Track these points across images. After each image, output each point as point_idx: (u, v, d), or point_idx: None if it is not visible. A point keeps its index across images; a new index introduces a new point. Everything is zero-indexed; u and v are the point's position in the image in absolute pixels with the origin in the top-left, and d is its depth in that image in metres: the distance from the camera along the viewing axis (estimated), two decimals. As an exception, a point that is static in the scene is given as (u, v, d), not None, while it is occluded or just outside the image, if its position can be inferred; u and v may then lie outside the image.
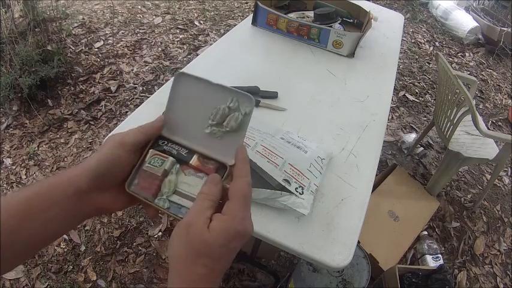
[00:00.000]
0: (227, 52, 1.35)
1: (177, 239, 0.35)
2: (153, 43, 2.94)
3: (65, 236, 1.67)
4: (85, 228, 1.71)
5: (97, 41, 2.84)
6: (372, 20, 1.60)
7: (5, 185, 1.86)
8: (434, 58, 3.34)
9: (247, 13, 3.55)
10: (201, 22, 3.32)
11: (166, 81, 2.52)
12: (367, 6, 1.73)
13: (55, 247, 1.63)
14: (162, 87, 1.18)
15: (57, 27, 2.55)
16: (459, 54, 3.71)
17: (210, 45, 1.54)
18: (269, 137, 0.90)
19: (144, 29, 3.09)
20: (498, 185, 2.35)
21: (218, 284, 0.35)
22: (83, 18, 3.08)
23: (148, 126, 0.44)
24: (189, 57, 2.84)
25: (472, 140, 1.95)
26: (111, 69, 2.62)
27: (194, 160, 0.43)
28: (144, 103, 1.06)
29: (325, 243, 0.77)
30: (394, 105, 2.78)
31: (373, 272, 1.31)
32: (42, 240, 0.38)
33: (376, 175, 1.00)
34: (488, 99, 3.17)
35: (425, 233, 1.85)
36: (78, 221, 0.41)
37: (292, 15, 1.53)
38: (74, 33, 2.88)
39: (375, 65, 1.45)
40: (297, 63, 1.36)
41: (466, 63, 3.59)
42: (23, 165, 1.96)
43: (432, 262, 1.72)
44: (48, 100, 2.29)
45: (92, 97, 2.37)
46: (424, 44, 3.73)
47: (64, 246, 1.64)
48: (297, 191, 0.79)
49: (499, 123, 2.93)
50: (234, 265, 1.62)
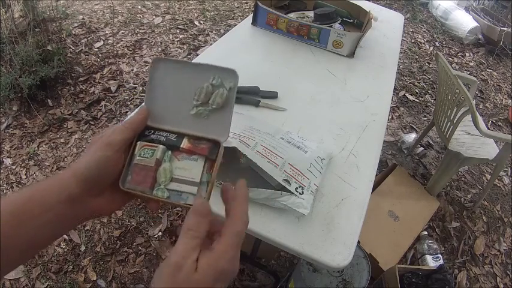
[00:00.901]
0: (227, 52, 1.35)
1: (163, 279, 0.33)
2: (153, 43, 2.94)
3: (65, 236, 1.67)
4: (85, 228, 1.71)
5: (97, 41, 2.84)
6: (372, 20, 1.60)
7: (5, 185, 1.86)
8: (434, 58, 3.34)
9: (247, 13, 3.55)
10: (201, 22, 3.32)
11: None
12: (367, 6, 1.73)
13: (55, 247, 1.64)
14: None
15: (57, 27, 2.55)
16: (459, 54, 3.71)
17: (210, 45, 1.54)
18: (269, 137, 0.90)
19: (144, 29, 3.09)
20: (498, 185, 2.35)
21: None
22: (83, 18, 3.08)
23: (132, 120, 0.42)
24: (189, 57, 2.84)
25: (472, 140, 1.94)
26: (111, 69, 2.62)
27: (185, 143, 0.41)
28: (144, 103, 1.06)
29: (325, 243, 0.77)
30: (394, 105, 2.78)
31: (373, 272, 1.31)
32: (37, 244, 0.38)
33: (376, 175, 1.00)
34: (488, 99, 3.17)
35: (425, 233, 1.85)
36: (74, 224, 0.41)
37: (292, 15, 1.53)
38: (74, 33, 2.88)
39: (375, 65, 1.45)
40: (297, 63, 1.36)
41: (466, 63, 3.59)
42: (23, 165, 1.96)
43: (432, 262, 1.72)
44: (48, 100, 2.29)
45: (92, 97, 2.37)
46: (424, 44, 3.73)
47: (64, 246, 1.64)
48: (297, 191, 0.79)
49: (499, 123, 2.93)
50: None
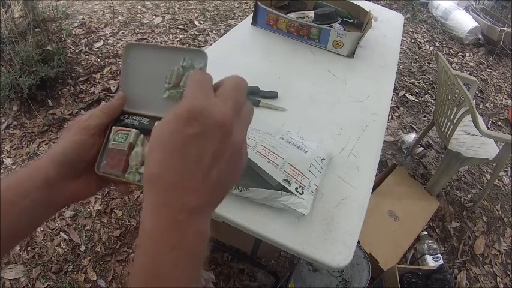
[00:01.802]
0: (227, 52, 1.35)
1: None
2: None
3: (65, 236, 1.67)
4: (85, 228, 1.71)
5: (97, 41, 2.84)
6: (372, 20, 1.60)
7: (5, 185, 1.86)
8: (434, 58, 3.34)
9: (247, 13, 3.55)
10: (201, 22, 3.32)
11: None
12: (367, 6, 1.73)
13: (55, 247, 1.63)
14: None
15: (57, 27, 2.55)
16: (459, 54, 3.71)
17: (210, 45, 1.54)
18: (269, 137, 0.90)
19: (144, 29, 3.09)
20: (498, 185, 2.34)
21: (192, 194, 0.27)
22: (83, 18, 3.08)
23: (109, 105, 0.43)
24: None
25: (472, 140, 1.94)
26: (111, 69, 2.62)
27: None
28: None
29: (325, 243, 0.77)
30: (394, 105, 2.78)
31: (373, 272, 1.31)
32: (17, 234, 0.38)
33: (376, 175, 1.00)
34: (488, 99, 3.17)
35: (425, 233, 1.85)
36: (51, 212, 0.41)
37: (292, 15, 1.53)
38: (74, 33, 2.88)
39: (375, 65, 1.45)
40: (297, 63, 1.36)
41: (466, 63, 3.59)
42: (23, 165, 1.96)
43: (432, 262, 1.72)
44: (48, 100, 2.29)
45: (92, 97, 2.37)
46: (424, 44, 3.73)
47: (64, 246, 1.64)
48: (297, 191, 0.79)
49: (499, 123, 2.93)
50: (234, 265, 1.62)
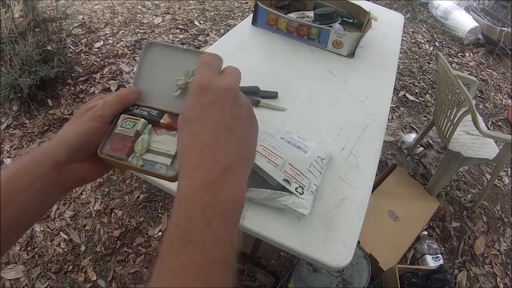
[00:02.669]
0: (227, 52, 1.35)
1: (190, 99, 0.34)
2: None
3: (65, 236, 1.67)
4: (85, 228, 1.71)
5: (97, 41, 2.84)
6: (372, 20, 1.60)
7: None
8: (434, 58, 3.34)
9: (247, 13, 3.55)
10: (201, 22, 3.32)
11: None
12: (367, 6, 1.73)
13: (55, 247, 1.64)
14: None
15: (57, 27, 2.55)
16: (459, 54, 3.71)
17: (210, 45, 1.54)
18: (269, 137, 0.90)
19: (144, 29, 3.09)
20: (498, 185, 2.34)
21: (223, 154, 0.31)
22: (83, 18, 3.08)
23: (124, 95, 0.44)
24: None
25: (472, 140, 1.94)
26: (111, 69, 2.62)
27: (165, 118, 0.43)
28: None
29: (325, 243, 0.77)
30: (394, 105, 2.78)
31: (373, 272, 1.31)
32: (27, 219, 0.38)
33: (376, 175, 1.00)
34: (488, 99, 3.17)
35: (425, 233, 1.85)
36: (60, 195, 0.41)
37: (292, 15, 1.53)
38: (74, 33, 2.88)
39: (375, 65, 1.45)
40: (297, 63, 1.36)
41: (466, 63, 3.59)
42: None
43: (432, 262, 1.72)
44: (48, 100, 2.29)
45: (92, 97, 2.37)
46: (424, 44, 3.73)
47: (64, 246, 1.64)
48: (297, 191, 0.79)
49: (499, 123, 2.93)
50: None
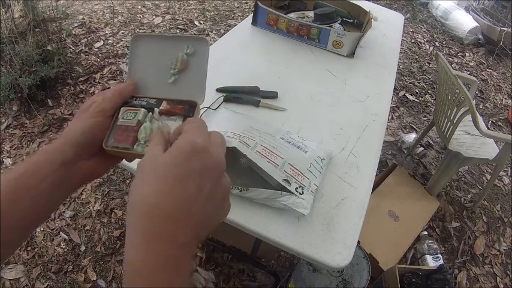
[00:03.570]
0: (227, 52, 1.35)
1: (130, 192, 0.30)
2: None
3: (65, 236, 1.67)
4: (85, 228, 1.71)
5: (97, 41, 2.84)
6: (372, 20, 1.60)
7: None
8: (434, 58, 3.34)
9: (247, 13, 3.55)
10: (201, 22, 3.32)
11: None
12: (367, 6, 1.73)
13: (55, 247, 1.63)
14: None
15: (57, 27, 2.55)
16: (459, 54, 3.71)
17: (210, 45, 1.53)
18: (269, 137, 0.90)
19: (144, 29, 3.09)
20: (498, 185, 2.34)
21: (187, 230, 0.28)
22: (83, 18, 3.08)
23: (121, 89, 0.45)
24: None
25: (472, 140, 1.94)
26: (111, 69, 2.62)
27: (164, 105, 0.44)
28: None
29: (325, 243, 0.77)
30: (394, 105, 2.78)
31: (373, 272, 1.31)
32: (35, 218, 0.38)
33: (376, 175, 1.00)
34: (488, 99, 3.17)
35: (425, 233, 1.85)
36: (68, 192, 0.42)
37: (292, 15, 1.53)
38: (74, 33, 2.88)
39: (375, 65, 1.45)
40: (297, 63, 1.36)
41: (466, 63, 3.59)
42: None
43: (432, 262, 1.72)
44: (48, 100, 2.29)
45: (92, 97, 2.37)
46: (424, 44, 3.73)
47: (64, 246, 1.64)
48: (297, 191, 0.79)
49: (499, 123, 2.93)
50: (234, 265, 1.62)
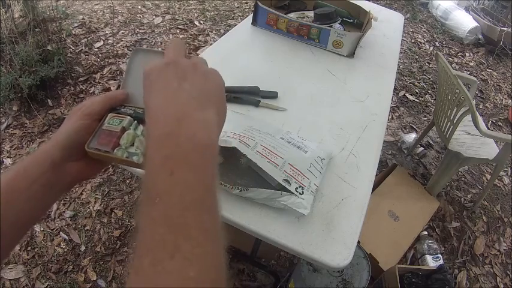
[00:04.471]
0: (227, 52, 1.35)
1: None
2: (153, 43, 2.94)
3: (65, 236, 1.67)
4: (85, 228, 1.71)
5: (97, 41, 2.84)
6: (372, 20, 1.60)
7: (5, 185, 1.86)
8: (434, 58, 3.34)
9: (247, 13, 3.55)
10: (201, 22, 3.32)
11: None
12: (367, 6, 1.73)
13: (55, 247, 1.63)
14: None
15: (57, 27, 2.55)
16: (459, 54, 3.71)
17: (210, 45, 1.54)
18: (269, 137, 0.90)
19: (144, 29, 3.09)
20: (498, 185, 2.34)
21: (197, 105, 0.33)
22: (83, 18, 3.08)
23: (112, 96, 0.46)
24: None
25: (472, 140, 1.94)
26: (111, 69, 2.62)
27: None
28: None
29: (325, 243, 0.77)
30: (394, 105, 2.78)
31: (373, 272, 1.31)
32: (28, 219, 0.40)
33: (376, 175, 1.00)
34: (488, 99, 3.17)
35: (425, 233, 1.85)
36: (59, 194, 0.43)
37: (292, 15, 1.53)
38: (74, 33, 2.88)
39: (375, 65, 1.45)
40: (297, 63, 1.36)
41: (466, 63, 3.59)
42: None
43: (432, 262, 1.72)
44: (48, 100, 2.29)
45: (92, 97, 2.37)
46: (424, 44, 3.73)
47: (64, 246, 1.64)
48: (297, 191, 0.79)
49: (499, 123, 2.93)
50: (234, 265, 1.62)
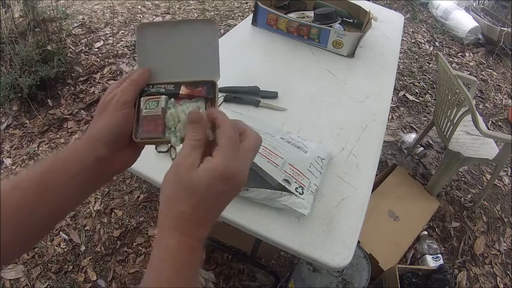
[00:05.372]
0: (227, 52, 1.35)
1: (166, 180, 0.36)
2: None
3: (65, 236, 1.67)
4: (85, 228, 1.71)
5: (97, 41, 2.84)
6: (372, 20, 1.60)
7: (5, 185, 1.86)
8: (434, 58, 3.34)
9: (247, 13, 3.55)
10: (201, 22, 3.31)
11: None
12: (367, 6, 1.73)
13: (55, 247, 1.63)
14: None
15: (57, 27, 2.55)
16: (459, 54, 3.71)
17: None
18: (269, 137, 0.90)
19: (144, 29, 3.09)
20: (498, 185, 2.34)
21: (205, 229, 0.36)
22: (83, 18, 3.08)
23: (137, 78, 0.45)
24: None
25: (472, 140, 1.94)
26: (111, 69, 2.62)
27: (183, 89, 0.45)
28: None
29: (325, 243, 0.77)
30: (394, 105, 2.78)
31: (373, 272, 1.31)
32: (63, 211, 0.40)
33: (376, 175, 1.00)
34: (488, 99, 3.17)
35: (425, 233, 1.85)
36: (100, 185, 0.44)
37: (292, 15, 1.53)
38: (74, 33, 2.88)
39: (375, 65, 1.45)
40: (297, 63, 1.36)
41: (466, 63, 3.59)
42: (23, 165, 1.96)
43: (432, 262, 1.72)
44: (48, 100, 2.29)
45: (92, 97, 2.37)
46: (424, 44, 3.73)
47: (64, 246, 1.64)
48: (297, 191, 0.79)
49: (499, 123, 2.93)
50: (234, 265, 1.62)
